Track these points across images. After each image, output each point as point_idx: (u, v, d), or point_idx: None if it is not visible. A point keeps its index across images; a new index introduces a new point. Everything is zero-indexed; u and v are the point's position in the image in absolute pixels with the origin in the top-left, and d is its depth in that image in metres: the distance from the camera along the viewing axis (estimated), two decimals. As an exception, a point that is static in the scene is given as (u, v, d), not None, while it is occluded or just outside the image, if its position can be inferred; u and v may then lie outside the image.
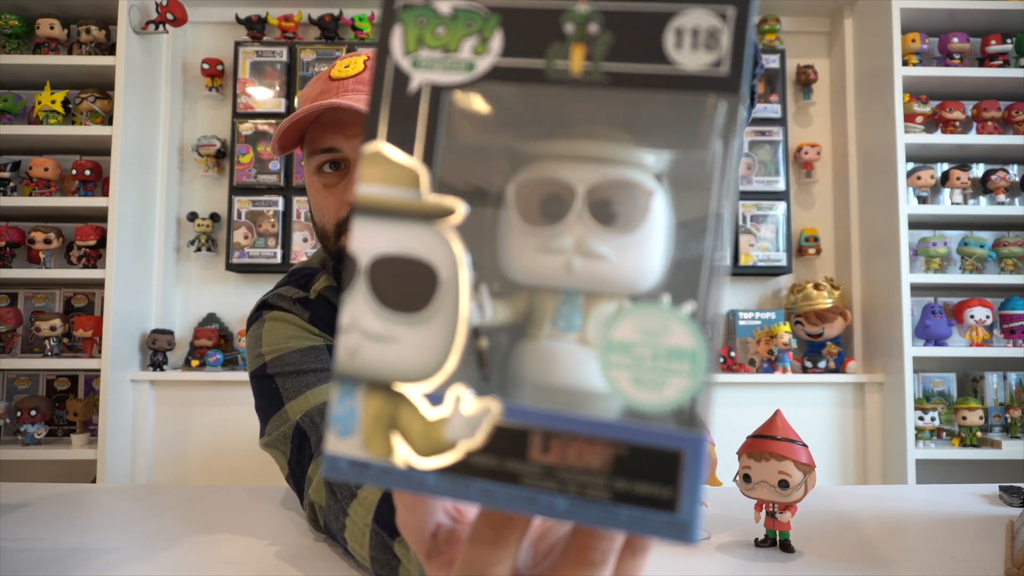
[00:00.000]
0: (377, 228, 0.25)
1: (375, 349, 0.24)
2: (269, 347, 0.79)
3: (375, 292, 0.25)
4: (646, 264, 0.25)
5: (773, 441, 0.67)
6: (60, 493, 0.93)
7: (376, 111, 0.25)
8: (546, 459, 0.23)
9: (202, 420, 2.16)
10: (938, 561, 0.66)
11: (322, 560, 0.66)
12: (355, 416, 0.24)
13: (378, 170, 0.25)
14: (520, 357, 0.26)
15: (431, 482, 0.23)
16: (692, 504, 0.22)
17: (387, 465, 0.24)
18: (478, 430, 0.23)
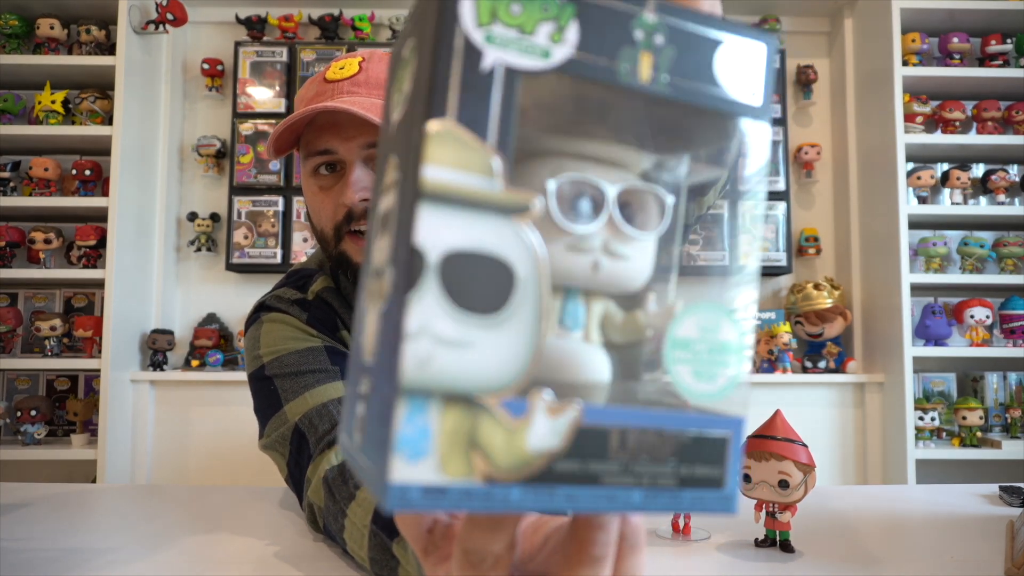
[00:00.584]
0: (450, 219, 0.22)
1: (450, 357, 0.21)
2: (267, 349, 0.79)
3: (449, 292, 0.22)
4: (649, 265, 0.29)
5: (773, 441, 0.67)
6: (60, 493, 0.93)
7: (444, 83, 0.22)
8: (623, 456, 0.24)
9: (202, 420, 2.16)
10: (938, 561, 0.66)
11: (321, 560, 0.66)
12: (428, 435, 0.21)
13: (450, 152, 0.22)
14: None
15: (515, 497, 0.22)
16: (735, 478, 0.26)
17: (467, 486, 0.22)
18: (561, 435, 0.23)
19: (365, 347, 0.25)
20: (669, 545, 0.70)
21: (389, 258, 0.23)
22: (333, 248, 0.78)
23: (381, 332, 0.23)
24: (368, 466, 0.23)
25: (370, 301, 0.25)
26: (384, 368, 0.22)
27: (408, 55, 0.25)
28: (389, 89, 0.28)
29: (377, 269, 0.25)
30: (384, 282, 0.23)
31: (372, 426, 0.23)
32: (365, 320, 0.26)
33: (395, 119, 0.26)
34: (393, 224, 0.24)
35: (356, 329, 0.27)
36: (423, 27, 0.23)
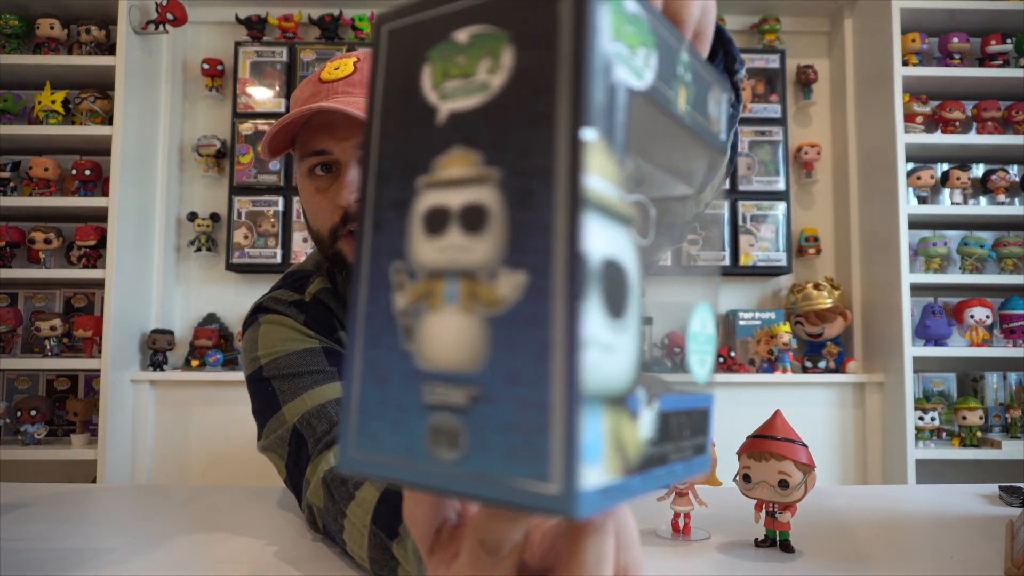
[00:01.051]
0: (602, 227, 0.22)
1: (607, 361, 0.22)
2: (265, 350, 0.79)
3: (605, 298, 0.22)
4: None
5: (773, 441, 0.67)
6: (60, 493, 0.93)
7: (590, 94, 0.22)
8: (676, 435, 0.27)
9: (202, 420, 2.16)
10: (938, 561, 0.66)
11: (321, 560, 0.66)
12: (600, 439, 0.22)
13: (598, 161, 0.22)
14: None
15: (637, 486, 0.24)
16: (709, 445, 0.31)
17: (618, 482, 0.23)
18: (653, 424, 0.25)
19: (432, 351, 0.24)
20: (669, 545, 0.70)
21: (501, 259, 0.23)
22: (329, 249, 0.78)
23: (501, 338, 0.23)
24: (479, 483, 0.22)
25: (437, 301, 0.24)
26: (521, 378, 0.22)
27: (473, 41, 0.25)
28: (416, 73, 0.26)
29: (457, 270, 0.24)
30: (495, 285, 0.23)
31: (496, 438, 0.22)
32: (421, 320, 0.25)
33: (453, 108, 0.25)
34: (500, 226, 0.23)
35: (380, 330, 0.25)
36: (527, 26, 0.24)
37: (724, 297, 2.43)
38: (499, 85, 0.24)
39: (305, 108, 0.72)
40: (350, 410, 0.26)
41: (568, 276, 0.22)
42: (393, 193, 0.26)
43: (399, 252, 0.25)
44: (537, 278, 0.22)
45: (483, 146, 0.24)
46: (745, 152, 2.36)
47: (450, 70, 0.25)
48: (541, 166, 0.22)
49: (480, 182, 0.24)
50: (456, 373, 0.23)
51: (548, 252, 0.22)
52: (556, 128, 0.22)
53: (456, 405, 0.23)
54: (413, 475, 0.24)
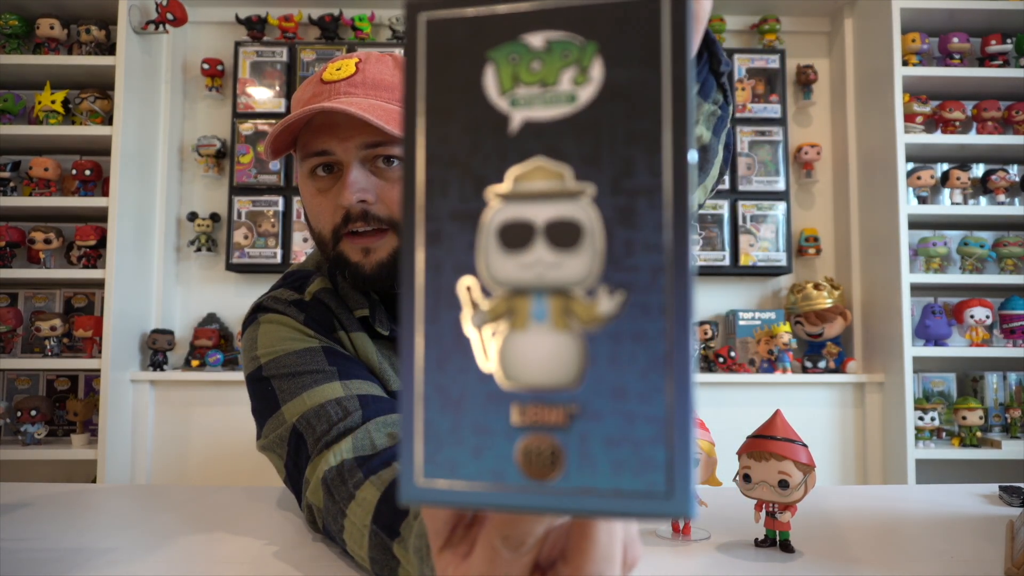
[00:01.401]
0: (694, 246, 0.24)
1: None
2: (264, 350, 0.79)
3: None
4: None
5: (773, 441, 0.67)
6: (60, 493, 0.93)
7: (693, 117, 0.24)
8: None
9: (202, 420, 2.16)
10: (938, 561, 0.65)
11: (320, 560, 0.66)
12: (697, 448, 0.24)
13: (692, 185, 0.24)
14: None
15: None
16: None
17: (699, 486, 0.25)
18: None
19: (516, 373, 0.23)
20: (669, 545, 0.70)
21: (599, 277, 0.23)
22: (331, 249, 0.78)
23: (604, 355, 0.23)
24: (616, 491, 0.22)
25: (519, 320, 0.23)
26: (630, 395, 0.22)
27: (552, 48, 0.24)
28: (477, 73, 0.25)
29: (560, 287, 0.23)
30: (593, 303, 0.23)
31: (605, 453, 0.22)
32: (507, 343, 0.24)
33: (531, 116, 0.24)
34: (596, 244, 0.23)
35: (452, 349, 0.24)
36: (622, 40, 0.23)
37: (724, 297, 2.43)
38: (589, 98, 0.23)
39: (308, 108, 0.72)
40: (413, 439, 0.24)
41: (679, 293, 0.22)
42: (452, 203, 0.24)
43: (466, 267, 0.24)
44: (642, 295, 0.22)
45: (573, 160, 0.23)
46: (745, 152, 2.36)
47: (523, 75, 0.24)
48: (646, 185, 0.22)
49: (571, 197, 0.23)
50: (550, 392, 0.23)
51: (655, 269, 0.22)
52: (662, 149, 0.23)
53: (554, 424, 0.23)
54: (505, 498, 0.23)
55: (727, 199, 2.35)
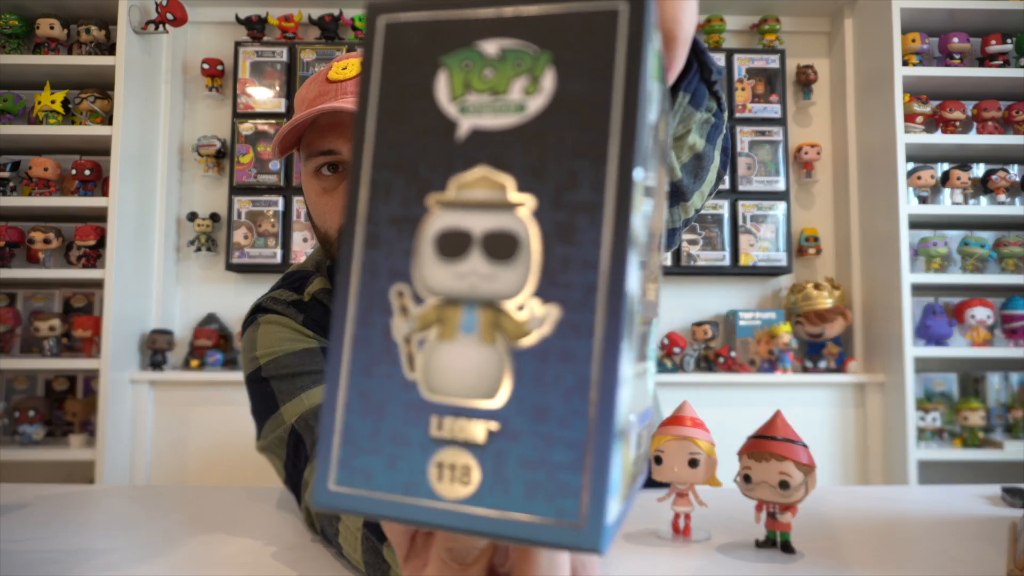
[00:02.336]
0: (635, 264, 0.22)
1: (627, 394, 0.22)
2: (264, 350, 0.79)
3: (632, 335, 0.22)
4: None
5: (774, 442, 0.67)
6: (58, 494, 0.92)
7: (643, 133, 0.22)
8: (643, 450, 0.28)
9: (201, 421, 2.16)
10: (940, 562, 0.65)
11: (320, 562, 0.65)
12: (620, 473, 0.22)
13: (637, 199, 0.22)
14: None
15: (625, 509, 0.24)
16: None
17: (622, 509, 0.23)
18: (636, 444, 0.25)
19: (438, 384, 0.23)
20: (669, 546, 0.70)
21: (534, 291, 0.22)
22: (336, 250, 0.78)
23: (528, 372, 0.22)
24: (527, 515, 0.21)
25: (447, 330, 0.23)
26: (548, 414, 0.21)
27: (507, 56, 0.24)
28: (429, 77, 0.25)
29: (491, 300, 0.23)
30: (528, 318, 0.22)
31: (521, 472, 0.22)
32: (433, 352, 0.23)
33: (480, 124, 0.23)
34: (531, 257, 0.22)
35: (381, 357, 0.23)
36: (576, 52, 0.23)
37: (724, 297, 2.43)
38: (538, 108, 0.23)
39: (317, 108, 0.72)
40: (331, 442, 0.23)
41: (611, 314, 0.21)
42: (394, 208, 0.24)
43: (401, 273, 0.23)
44: (574, 314, 0.21)
45: (516, 170, 0.23)
46: (745, 152, 2.35)
47: (474, 83, 0.24)
48: (588, 200, 0.22)
49: (510, 208, 0.23)
50: (471, 407, 0.22)
51: (589, 289, 0.21)
52: (607, 164, 0.22)
53: (471, 440, 0.22)
54: (413, 513, 0.22)
55: (727, 199, 2.34)
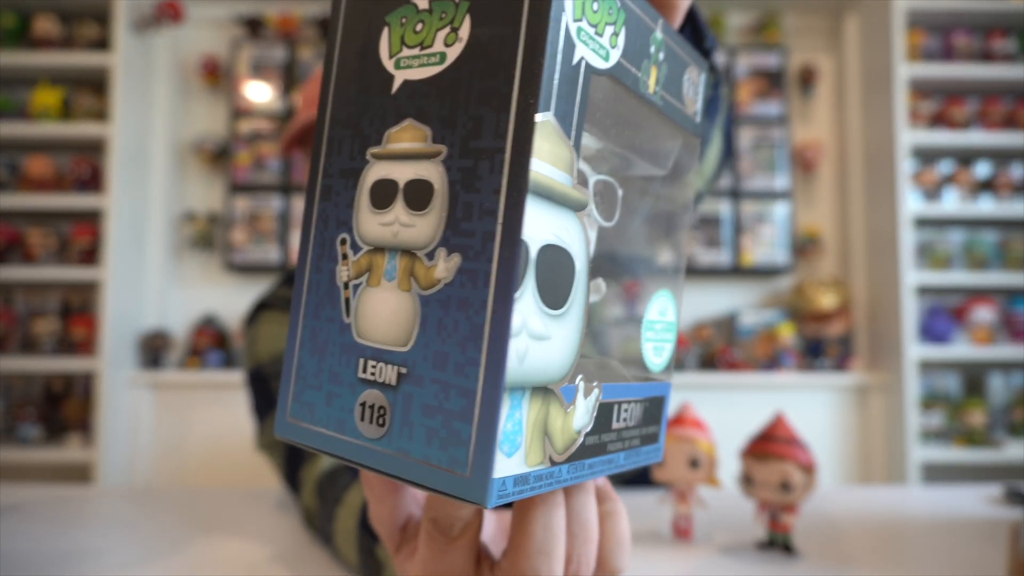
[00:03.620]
0: (544, 214, 0.22)
1: (538, 350, 0.22)
2: (264, 347, 0.79)
3: (540, 287, 0.22)
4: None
5: (775, 442, 0.66)
6: (56, 495, 0.92)
7: (552, 75, 0.21)
8: (620, 425, 0.27)
9: (200, 421, 2.15)
10: (941, 563, 0.64)
11: (319, 563, 0.65)
12: (521, 429, 0.22)
13: (548, 146, 0.22)
14: None
15: (565, 474, 0.24)
16: (663, 433, 0.31)
17: (540, 471, 0.23)
18: (591, 414, 0.25)
19: (365, 327, 0.24)
20: (669, 546, 0.69)
21: (440, 240, 0.22)
22: None
23: (432, 319, 0.22)
24: (407, 463, 0.22)
25: (377, 276, 0.24)
26: (448, 362, 0.22)
27: (434, 7, 0.24)
28: (367, 34, 0.26)
29: (399, 246, 0.24)
30: (433, 265, 0.23)
31: (423, 419, 0.22)
32: (359, 296, 0.24)
33: (407, 77, 0.24)
34: (441, 205, 0.23)
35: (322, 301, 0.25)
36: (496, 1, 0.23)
37: (725, 297, 2.42)
38: (454, 58, 0.23)
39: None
40: (290, 377, 0.26)
41: (505, 263, 0.21)
42: (343, 162, 0.25)
43: (345, 223, 0.25)
44: (473, 262, 0.21)
45: (433, 121, 0.23)
46: (747, 151, 2.34)
47: (408, 38, 0.24)
48: (489, 147, 0.22)
49: (427, 158, 0.23)
50: (389, 351, 0.23)
51: (487, 236, 0.21)
52: (508, 108, 0.22)
53: (387, 383, 0.23)
54: (340, 447, 0.24)
55: (728, 199, 2.33)
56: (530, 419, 0.22)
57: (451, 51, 0.23)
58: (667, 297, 0.30)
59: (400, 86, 0.24)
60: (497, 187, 0.21)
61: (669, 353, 0.30)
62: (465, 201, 0.22)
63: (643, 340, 0.29)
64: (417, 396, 0.22)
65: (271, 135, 2.29)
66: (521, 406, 0.22)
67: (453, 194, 0.22)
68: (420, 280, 0.23)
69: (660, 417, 0.30)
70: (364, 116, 0.25)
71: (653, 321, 0.29)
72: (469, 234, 0.22)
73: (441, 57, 0.23)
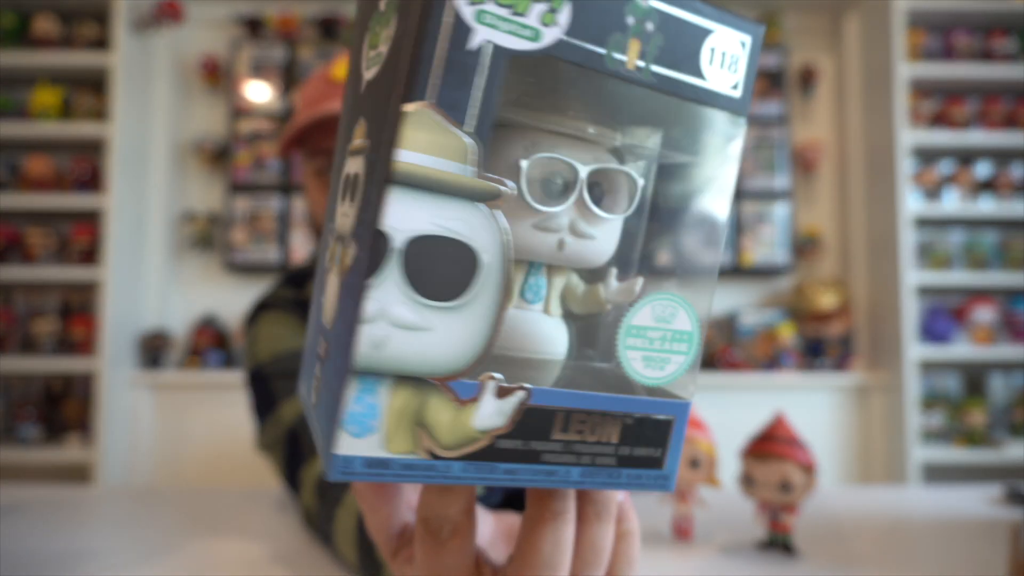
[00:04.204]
0: (419, 204, 0.22)
1: (406, 340, 0.22)
2: (265, 348, 0.79)
3: (410, 277, 0.22)
4: (614, 244, 0.28)
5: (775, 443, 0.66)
6: (56, 495, 0.92)
7: (428, 62, 0.21)
8: (566, 436, 0.25)
9: (200, 421, 2.15)
10: (941, 562, 0.64)
11: (318, 563, 0.65)
12: (376, 413, 0.22)
13: (425, 136, 0.22)
14: None
15: (456, 470, 0.24)
16: (675, 459, 0.27)
17: (410, 460, 0.23)
18: (507, 416, 0.24)
19: (326, 309, 0.26)
20: (670, 546, 0.69)
21: (352, 230, 0.24)
22: None
23: (340, 303, 0.24)
24: (319, 429, 0.24)
25: (332, 262, 0.26)
26: (340, 342, 0.23)
27: (386, 9, 0.25)
28: (358, 39, 0.27)
29: (341, 235, 0.26)
30: (347, 253, 0.24)
31: (324, 393, 0.24)
32: (326, 280, 0.26)
33: (367, 78, 0.26)
34: (359, 196, 0.24)
35: (318, 285, 0.28)
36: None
37: (726, 297, 2.42)
38: (385, 53, 0.24)
39: (320, 112, 0.72)
40: (304, 355, 0.29)
41: (365, 252, 0.22)
42: (339, 159, 0.28)
43: (331, 215, 0.28)
44: (361, 251, 0.23)
45: (368, 117, 0.25)
46: (747, 151, 2.34)
47: (371, 40, 0.26)
48: (385, 138, 0.22)
49: (361, 153, 0.25)
50: (327, 330, 0.25)
51: (369, 226, 0.22)
52: (392, 99, 0.23)
53: (321, 357, 0.25)
54: (308, 416, 0.27)
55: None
56: (392, 406, 0.22)
57: (385, 49, 0.25)
58: (671, 301, 0.27)
59: (365, 86, 0.26)
60: (380, 179, 0.22)
61: (679, 367, 0.27)
62: (366, 193, 0.23)
63: (622, 348, 0.26)
64: (327, 371, 0.24)
65: (271, 135, 2.29)
66: (375, 391, 0.22)
67: (364, 187, 0.24)
68: (341, 266, 0.24)
69: (663, 439, 0.26)
70: (347, 116, 0.28)
71: (643, 327, 0.26)
72: (365, 224, 0.23)
73: (379, 56, 0.25)
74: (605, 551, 0.27)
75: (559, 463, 0.25)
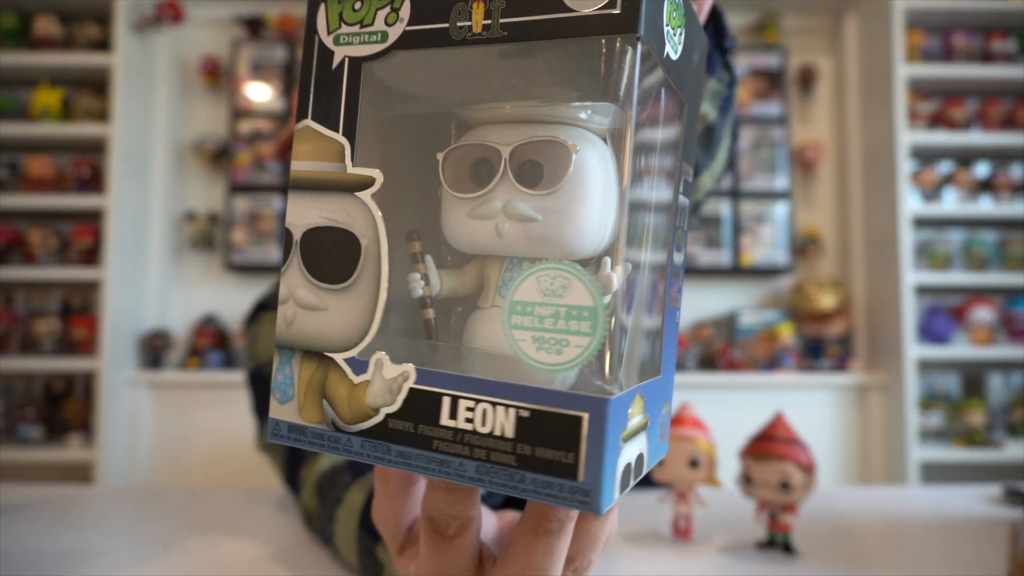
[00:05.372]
0: (308, 202, 0.26)
1: (308, 318, 0.25)
2: (265, 347, 0.79)
3: (306, 263, 0.26)
4: (577, 225, 0.24)
5: (774, 442, 0.66)
6: (56, 495, 0.92)
7: (307, 86, 0.26)
8: (455, 423, 0.23)
9: (200, 421, 2.15)
10: (940, 562, 0.64)
11: (318, 563, 0.65)
12: (292, 383, 0.26)
13: (308, 146, 0.26)
14: (469, 326, 0.27)
15: (356, 446, 0.25)
16: (596, 471, 0.21)
17: (319, 429, 0.25)
18: (398, 395, 0.24)
19: None
20: (669, 546, 0.69)
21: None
22: None
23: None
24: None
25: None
26: None
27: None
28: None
29: None
30: None
31: None
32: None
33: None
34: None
35: None
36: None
37: (725, 297, 2.42)
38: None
39: None
40: None
41: (283, 245, 0.26)
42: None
43: None
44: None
45: None
46: (746, 151, 2.34)
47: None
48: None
49: None
50: None
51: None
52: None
53: None
54: None
55: (728, 199, 2.33)
56: (302, 377, 0.25)
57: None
58: (560, 271, 0.23)
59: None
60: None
61: (583, 351, 0.22)
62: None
63: (507, 327, 0.23)
64: None
65: (271, 135, 2.29)
66: (291, 363, 0.26)
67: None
68: None
69: (573, 442, 0.21)
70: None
71: (528, 303, 0.23)
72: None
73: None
74: (600, 540, 0.27)
75: (451, 453, 0.23)
